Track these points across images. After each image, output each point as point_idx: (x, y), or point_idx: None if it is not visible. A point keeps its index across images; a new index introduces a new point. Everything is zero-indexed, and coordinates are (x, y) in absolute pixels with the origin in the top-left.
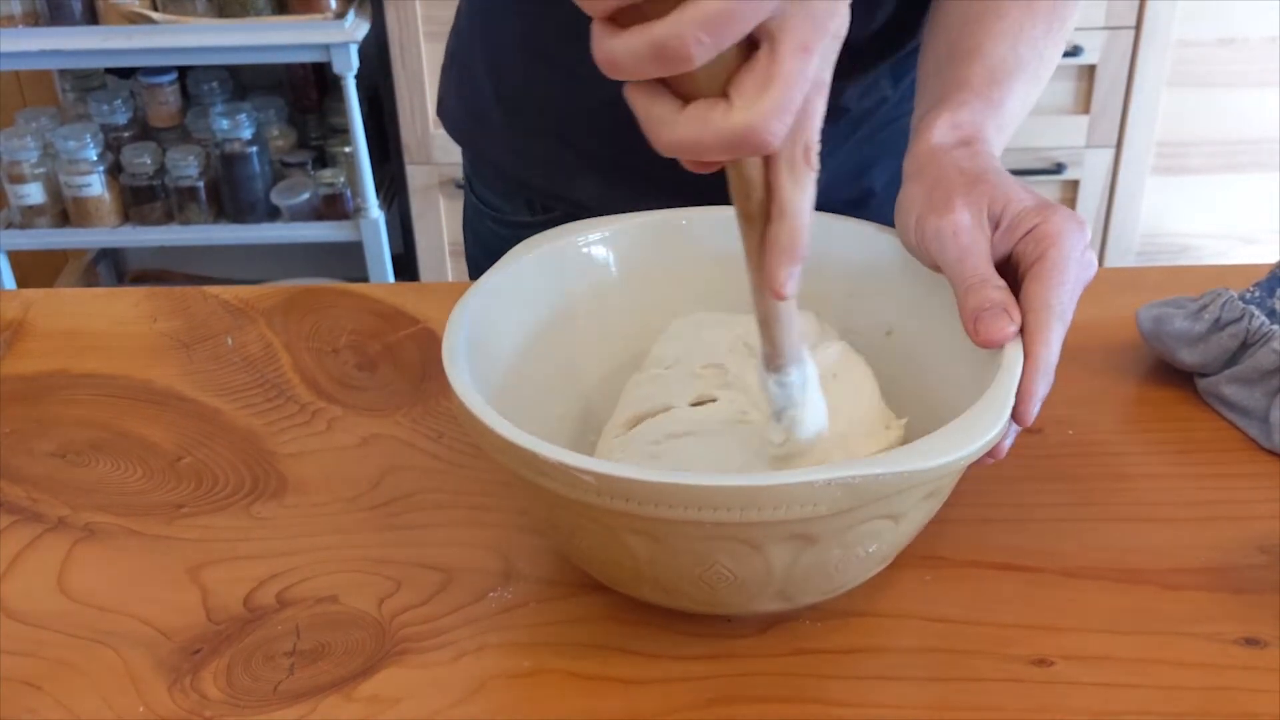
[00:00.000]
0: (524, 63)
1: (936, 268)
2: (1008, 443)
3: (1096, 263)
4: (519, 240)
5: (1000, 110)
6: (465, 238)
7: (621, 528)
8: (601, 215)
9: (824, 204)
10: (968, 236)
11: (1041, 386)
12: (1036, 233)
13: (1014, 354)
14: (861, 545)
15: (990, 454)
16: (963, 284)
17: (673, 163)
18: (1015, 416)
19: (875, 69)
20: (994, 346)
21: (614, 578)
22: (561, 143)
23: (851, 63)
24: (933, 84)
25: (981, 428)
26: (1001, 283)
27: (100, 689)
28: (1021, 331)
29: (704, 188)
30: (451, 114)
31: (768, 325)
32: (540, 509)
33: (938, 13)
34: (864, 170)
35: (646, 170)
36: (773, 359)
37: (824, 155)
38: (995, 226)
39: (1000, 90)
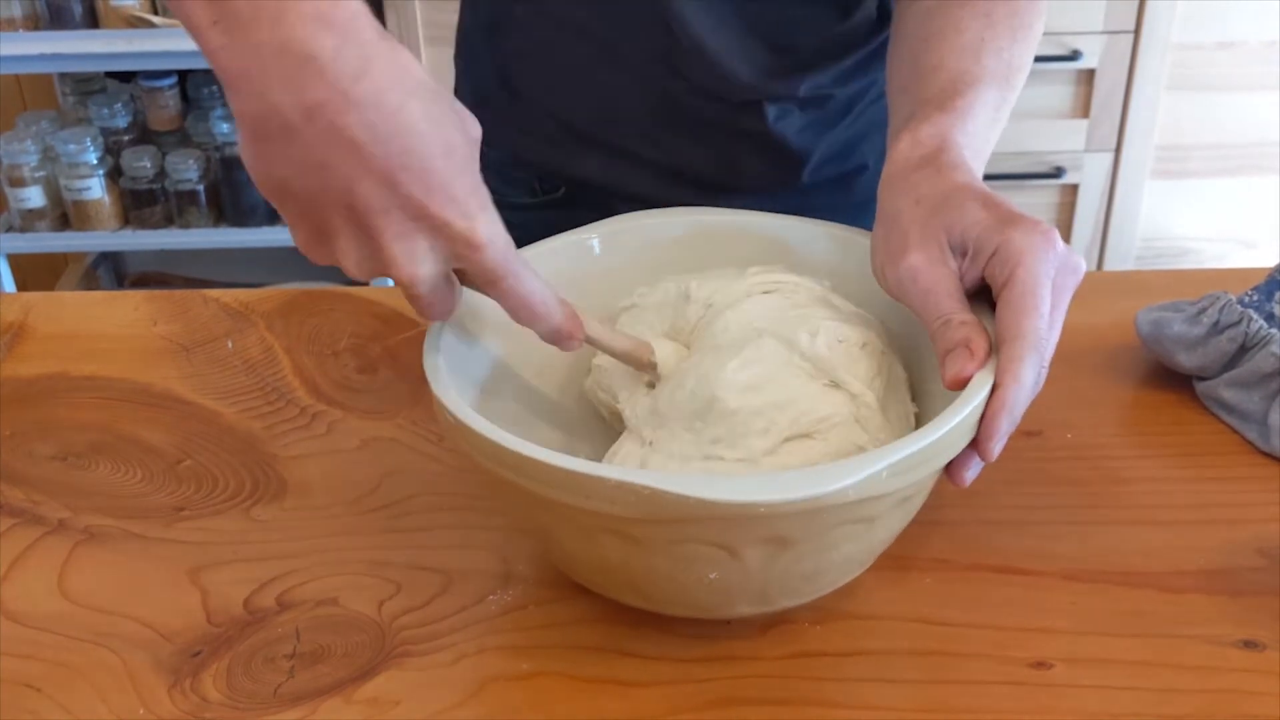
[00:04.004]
0: (527, 50)
1: None
2: (968, 474)
3: (1083, 264)
4: (522, 224)
5: (967, 116)
6: None
7: (501, 483)
8: (599, 192)
9: (819, 181)
10: (926, 277)
11: (1004, 424)
12: (1000, 254)
13: (968, 392)
14: (695, 568)
15: (954, 480)
16: (931, 328)
17: (662, 143)
18: (978, 453)
19: (856, 56)
20: (961, 387)
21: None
22: (560, 123)
23: (834, 55)
24: (898, 105)
25: (827, 477)
26: (967, 316)
27: (100, 691)
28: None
29: (692, 166)
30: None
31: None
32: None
33: (899, 30)
34: (854, 147)
35: (640, 149)
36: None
37: (816, 137)
38: (963, 254)
39: (964, 99)
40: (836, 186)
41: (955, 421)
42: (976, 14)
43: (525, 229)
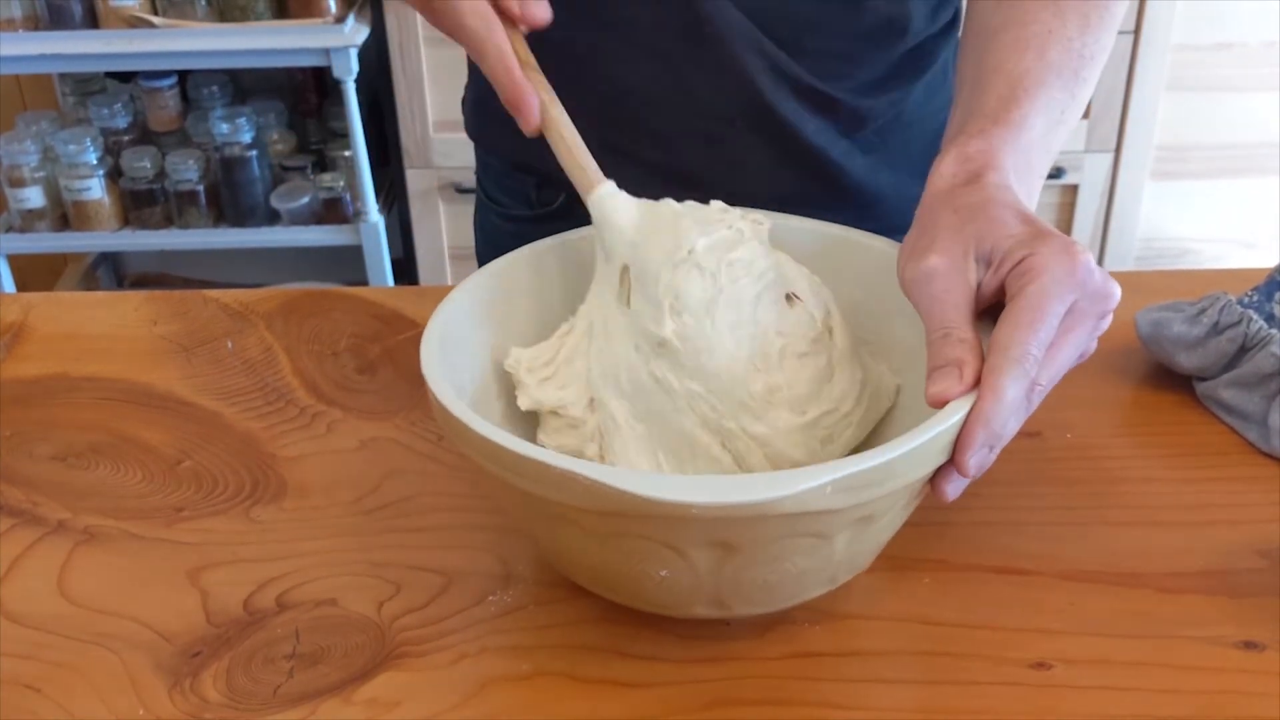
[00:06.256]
0: (531, 42)
1: None
2: (949, 488)
3: (1116, 290)
4: (520, 234)
5: (1021, 130)
6: (475, 235)
7: (482, 471)
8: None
9: (834, 203)
10: (941, 283)
11: (978, 437)
12: (1022, 266)
13: (940, 414)
14: (644, 563)
15: (936, 492)
16: (929, 337)
17: (662, 146)
18: (955, 466)
19: (867, 68)
20: (937, 407)
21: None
22: None
23: (844, 62)
24: (956, 112)
25: (763, 486)
26: (967, 335)
27: (100, 692)
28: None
29: (691, 172)
30: (468, 113)
31: (565, 155)
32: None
33: (968, 22)
34: (871, 173)
35: (639, 153)
36: (585, 184)
37: (827, 144)
38: (988, 265)
39: (1021, 109)
40: (850, 206)
41: (913, 445)
42: (1045, 2)
43: (522, 240)
